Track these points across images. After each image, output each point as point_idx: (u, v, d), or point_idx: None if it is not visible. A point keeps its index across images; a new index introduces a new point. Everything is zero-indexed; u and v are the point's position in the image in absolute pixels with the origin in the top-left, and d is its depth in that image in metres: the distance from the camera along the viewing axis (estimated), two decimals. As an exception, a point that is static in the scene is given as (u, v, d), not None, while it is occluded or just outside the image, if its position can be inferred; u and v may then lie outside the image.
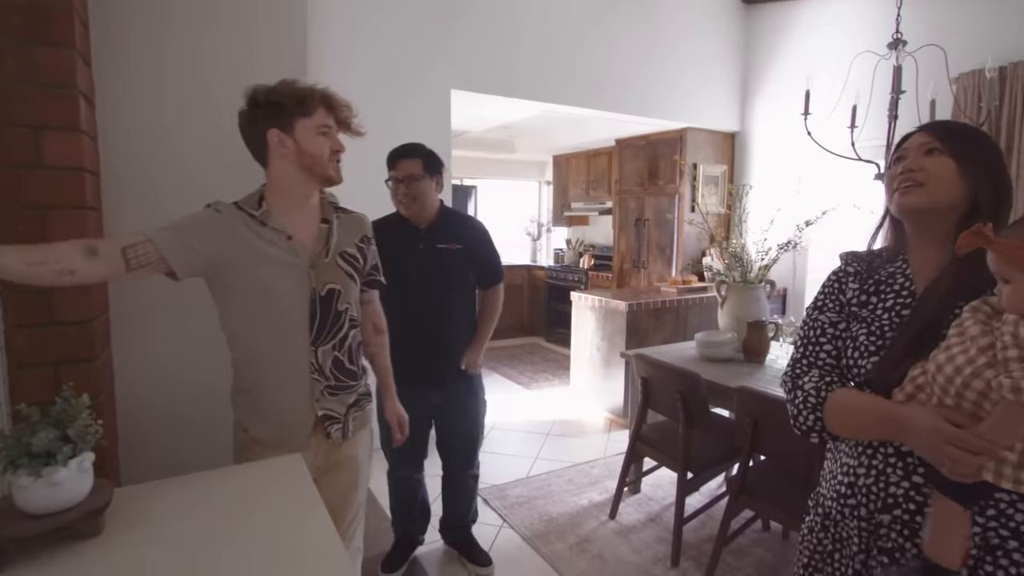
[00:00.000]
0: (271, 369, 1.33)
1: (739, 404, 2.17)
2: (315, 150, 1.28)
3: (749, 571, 2.30)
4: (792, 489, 2.08)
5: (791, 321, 2.79)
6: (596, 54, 4.06)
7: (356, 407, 1.44)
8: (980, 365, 0.80)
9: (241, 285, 1.28)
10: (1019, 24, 3.22)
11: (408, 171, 1.99)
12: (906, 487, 0.95)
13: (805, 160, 4.35)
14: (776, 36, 4.59)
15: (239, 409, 1.40)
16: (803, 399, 1.05)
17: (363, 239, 1.47)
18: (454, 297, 2.11)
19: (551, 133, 5.65)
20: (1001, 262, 0.80)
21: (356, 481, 1.47)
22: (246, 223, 1.28)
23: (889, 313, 1.01)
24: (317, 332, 1.33)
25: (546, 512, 2.73)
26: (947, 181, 0.95)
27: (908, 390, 0.90)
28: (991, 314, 0.83)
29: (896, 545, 0.96)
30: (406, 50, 3.33)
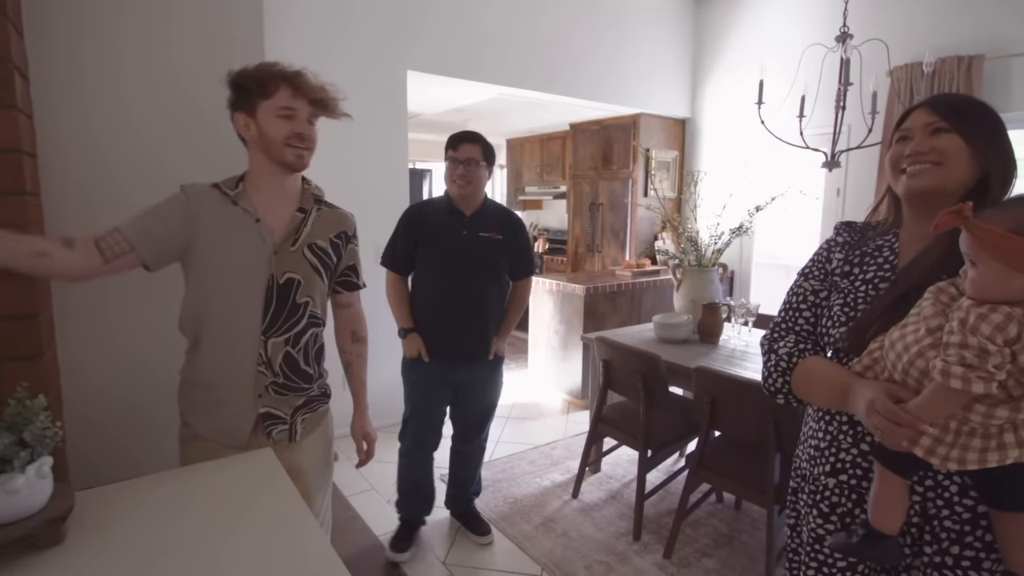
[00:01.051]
0: (215, 356, 1.27)
1: (697, 383, 2.25)
2: (270, 132, 1.24)
3: (706, 541, 2.41)
4: (745, 462, 2.19)
5: (743, 303, 2.91)
6: (552, 38, 4.05)
7: (306, 409, 1.36)
8: (925, 345, 0.83)
9: (199, 266, 1.25)
10: (947, 22, 3.42)
11: (469, 154, 2.10)
12: (854, 454, 1.00)
13: (753, 147, 4.51)
14: (726, 26, 4.70)
15: (181, 399, 1.34)
16: (775, 363, 1.09)
17: (340, 235, 1.40)
18: (490, 284, 2.19)
19: (505, 117, 5.61)
20: (974, 245, 0.80)
21: (308, 494, 1.33)
22: (218, 202, 1.26)
23: (867, 285, 1.02)
24: (270, 322, 1.27)
25: (510, 494, 2.77)
26: (959, 161, 0.92)
27: (865, 362, 0.93)
28: (954, 296, 0.85)
29: (846, 511, 1.02)
30: (362, 30, 3.22)
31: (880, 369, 0.90)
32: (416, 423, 2.28)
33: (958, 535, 0.91)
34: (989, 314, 0.76)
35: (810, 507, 1.08)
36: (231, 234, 1.24)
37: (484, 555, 2.31)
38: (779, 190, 3.23)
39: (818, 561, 1.05)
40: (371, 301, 1.58)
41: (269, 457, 1.24)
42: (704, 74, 4.91)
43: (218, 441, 1.29)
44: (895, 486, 0.90)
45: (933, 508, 0.93)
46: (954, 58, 3.29)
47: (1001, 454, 0.79)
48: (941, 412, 0.81)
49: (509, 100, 4.45)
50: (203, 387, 1.29)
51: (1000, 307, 0.77)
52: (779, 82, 3.40)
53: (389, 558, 2.26)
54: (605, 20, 4.31)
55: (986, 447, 0.80)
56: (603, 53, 4.35)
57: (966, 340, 0.77)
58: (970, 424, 0.80)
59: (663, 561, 2.27)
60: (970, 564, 0.90)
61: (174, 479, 1.16)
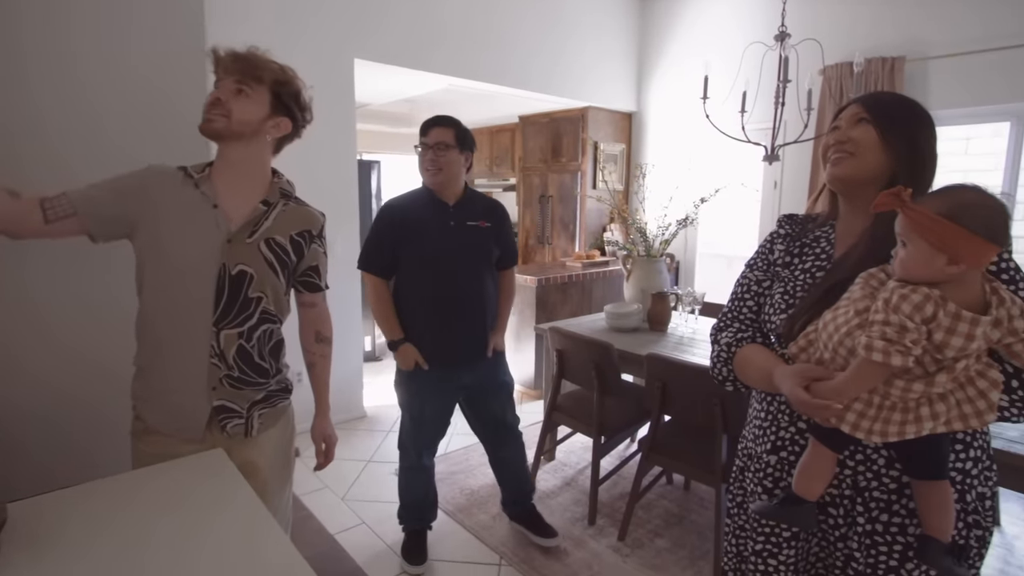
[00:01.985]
0: (168, 344, 1.23)
1: (649, 370, 2.31)
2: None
3: (657, 522, 2.50)
4: (694, 444, 2.27)
5: (689, 291, 3.01)
6: (502, 29, 4.04)
7: (264, 404, 1.32)
8: (853, 326, 0.88)
9: (153, 245, 1.20)
10: (873, 25, 3.63)
11: (439, 138, 1.97)
12: (792, 432, 1.07)
13: (697, 141, 4.65)
14: (671, 21, 4.82)
15: (134, 390, 1.29)
16: (718, 353, 1.17)
17: (303, 234, 1.34)
18: (485, 275, 2.09)
19: (454, 108, 5.53)
20: (907, 226, 0.85)
21: (265, 492, 1.29)
22: (178, 183, 1.23)
23: (805, 275, 1.08)
24: (222, 313, 1.23)
25: (467, 485, 2.78)
26: (871, 150, 0.98)
27: (801, 344, 0.98)
28: (882, 281, 0.90)
29: (788, 484, 1.07)
30: (307, 16, 3.11)
31: (814, 350, 0.96)
32: (419, 436, 2.15)
33: (886, 504, 0.98)
34: (910, 295, 0.82)
35: (755, 484, 1.13)
36: (185, 217, 1.20)
37: (443, 547, 2.31)
38: (722, 182, 3.36)
39: (764, 534, 1.11)
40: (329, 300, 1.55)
41: (221, 457, 1.20)
42: (650, 69, 5.02)
43: (172, 435, 1.24)
44: (824, 459, 0.96)
45: (863, 480, 0.99)
46: (879, 59, 3.50)
47: (918, 426, 0.85)
48: (865, 385, 0.86)
49: (459, 91, 4.41)
50: (151, 375, 1.25)
51: (920, 288, 0.83)
52: (722, 77, 3.52)
53: (405, 569, 2.16)
54: (554, 12, 4.33)
55: (905, 420, 0.86)
56: (552, 45, 4.37)
57: (888, 318, 0.82)
58: (891, 399, 0.86)
59: (617, 543, 2.33)
60: (897, 530, 0.97)
61: (118, 484, 1.10)
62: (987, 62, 3.24)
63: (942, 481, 0.91)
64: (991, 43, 3.21)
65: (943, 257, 0.82)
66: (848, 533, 1.02)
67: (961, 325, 0.80)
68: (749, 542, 1.14)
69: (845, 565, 1.04)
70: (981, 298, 0.84)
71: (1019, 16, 3.12)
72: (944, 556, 0.91)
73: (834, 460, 0.97)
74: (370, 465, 2.99)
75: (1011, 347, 0.84)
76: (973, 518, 0.97)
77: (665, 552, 2.28)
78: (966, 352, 0.82)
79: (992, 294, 0.84)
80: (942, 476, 0.91)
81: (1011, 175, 3.35)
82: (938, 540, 0.91)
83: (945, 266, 0.82)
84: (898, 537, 0.97)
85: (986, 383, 0.84)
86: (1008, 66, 3.17)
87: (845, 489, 1.01)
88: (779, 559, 1.09)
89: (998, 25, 3.19)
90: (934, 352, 0.83)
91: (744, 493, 1.19)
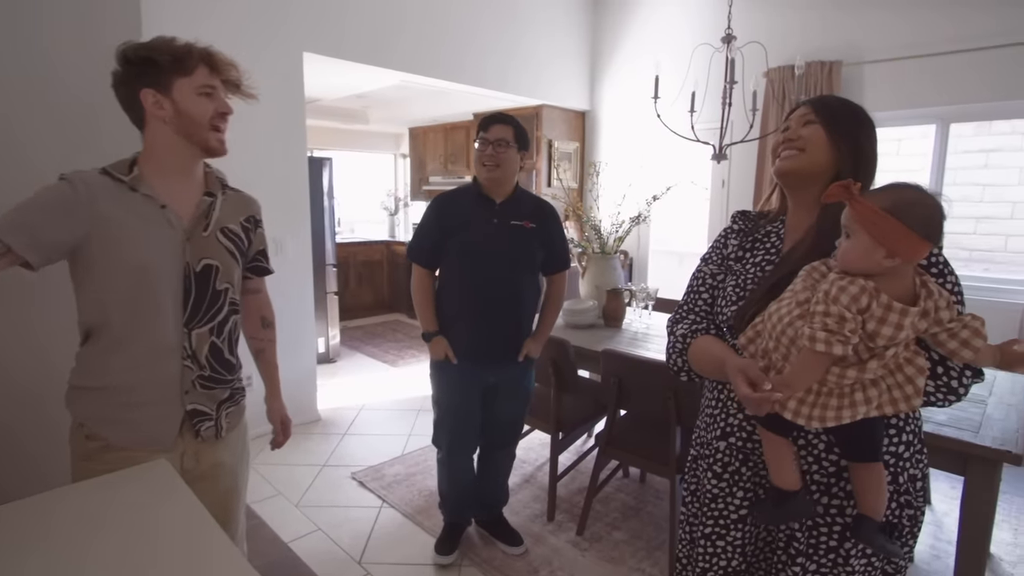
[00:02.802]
0: (131, 356, 1.17)
1: (604, 365, 2.35)
2: (195, 111, 1.16)
3: (615, 515, 2.54)
4: (649, 437, 2.32)
5: (643, 287, 3.07)
6: (457, 26, 4.01)
7: (230, 402, 1.31)
8: (795, 316, 0.92)
9: (102, 261, 1.13)
10: (813, 30, 3.79)
11: (500, 135, 1.96)
12: (740, 418, 1.11)
13: (648, 139, 4.75)
14: (623, 20, 4.89)
15: (82, 410, 1.19)
16: (673, 344, 1.21)
17: (249, 219, 1.35)
18: (523, 276, 2.05)
19: (407, 105, 5.49)
20: (852, 218, 0.89)
21: (236, 488, 1.35)
22: (112, 190, 1.14)
23: (756, 268, 1.13)
24: (192, 312, 1.20)
25: (425, 487, 2.75)
26: (818, 147, 1.04)
27: (749, 334, 1.02)
28: (824, 274, 0.95)
29: (735, 469, 1.12)
30: (254, 6, 3.00)
31: (761, 340, 0.99)
32: (452, 426, 2.15)
33: (826, 487, 1.03)
34: (848, 286, 0.87)
35: (706, 470, 1.18)
36: (134, 223, 1.14)
37: (403, 550, 2.28)
38: (673, 181, 3.44)
39: (713, 518, 1.15)
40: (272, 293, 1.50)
41: (165, 469, 1.14)
42: (602, 67, 5.09)
43: (138, 449, 1.18)
44: (780, 445, 1.01)
45: (805, 464, 1.04)
46: (818, 63, 3.65)
47: (852, 411, 0.90)
48: (811, 376, 0.90)
49: (411, 88, 4.36)
50: (116, 392, 1.18)
51: (857, 280, 0.88)
52: (672, 77, 3.60)
53: (434, 560, 2.18)
54: (508, 9, 4.33)
55: (840, 405, 0.90)
56: (507, 43, 4.37)
57: (828, 309, 0.87)
58: (827, 385, 0.90)
59: (576, 538, 2.36)
60: (836, 512, 1.02)
61: (50, 502, 1.03)
62: (916, 68, 3.43)
63: (876, 463, 0.97)
64: (920, 50, 3.40)
65: (882, 250, 0.87)
66: None
67: (892, 315, 0.86)
68: (699, 526, 1.18)
69: (787, 545, 1.08)
70: (912, 290, 0.89)
71: (945, 25, 3.32)
72: (877, 534, 0.96)
73: (790, 444, 1.01)
74: (325, 470, 2.93)
75: (936, 336, 0.89)
76: (905, 498, 1.03)
77: (623, 544, 2.33)
78: (896, 341, 0.87)
79: (922, 287, 0.90)
80: (876, 459, 0.97)
81: (937, 174, 3.57)
82: (871, 519, 0.97)
83: (883, 259, 0.87)
84: (837, 518, 1.02)
85: (913, 370, 0.90)
86: (934, 72, 3.37)
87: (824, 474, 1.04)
88: (727, 540, 1.13)
89: (926, 33, 3.38)
90: (867, 340, 0.88)
91: (697, 481, 1.23)
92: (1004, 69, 3.16)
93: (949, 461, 1.69)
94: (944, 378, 0.94)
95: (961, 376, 0.94)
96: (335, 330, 4.72)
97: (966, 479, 1.68)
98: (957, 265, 1.00)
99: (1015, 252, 3.46)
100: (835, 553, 1.02)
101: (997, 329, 1.06)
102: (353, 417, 3.62)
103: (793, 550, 1.07)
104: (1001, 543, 2.36)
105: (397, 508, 2.57)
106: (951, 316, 0.89)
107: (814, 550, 1.04)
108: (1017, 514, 2.59)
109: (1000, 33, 3.14)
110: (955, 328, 0.88)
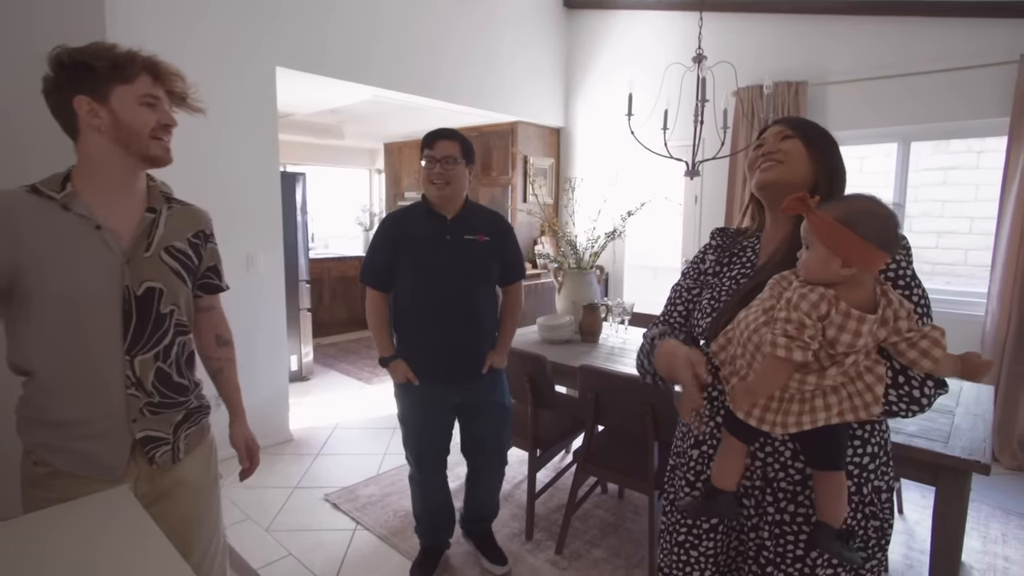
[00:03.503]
0: (72, 390, 1.11)
1: (582, 381, 2.34)
2: (135, 122, 1.09)
3: (594, 532, 2.52)
4: (627, 453, 2.31)
5: (619, 302, 3.08)
6: (432, 42, 4.03)
7: (188, 424, 1.25)
8: (760, 323, 0.94)
9: (33, 290, 1.05)
10: (780, 51, 3.91)
11: (447, 151, 1.93)
12: (711, 427, 1.13)
13: (622, 156, 4.81)
14: (596, 40, 4.98)
15: (31, 439, 1.14)
16: (641, 346, 1.25)
17: (198, 235, 1.28)
18: (480, 291, 2.03)
19: (382, 120, 5.47)
20: (809, 230, 0.92)
21: (196, 509, 1.27)
22: (40, 210, 1.06)
23: (731, 281, 1.15)
24: (133, 339, 1.13)
25: (401, 507, 2.69)
26: (799, 160, 1.07)
27: (720, 342, 1.03)
28: (791, 283, 0.97)
29: (708, 477, 1.13)
30: (225, 19, 2.96)
31: (731, 348, 1.02)
32: (418, 445, 2.11)
33: (792, 495, 1.04)
34: (808, 294, 0.90)
35: (680, 478, 1.19)
36: (66, 246, 1.07)
37: (378, 574, 2.22)
38: (647, 196, 3.48)
39: (686, 527, 1.16)
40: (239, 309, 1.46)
41: (126, 496, 1.09)
42: (576, 85, 5.16)
43: (86, 476, 1.12)
44: (736, 450, 1.03)
45: (772, 472, 1.05)
46: (785, 83, 3.76)
47: (812, 416, 0.92)
48: (773, 383, 0.92)
49: (386, 103, 4.35)
50: (61, 426, 1.12)
51: (817, 288, 0.90)
52: (646, 95, 3.67)
53: None
54: (483, 26, 4.37)
55: (801, 411, 0.92)
56: (482, 60, 4.41)
57: (789, 315, 0.89)
58: (789, 391, 0.93)
59: (555, 556, 2.33)
60: (803, 520, 1.04)
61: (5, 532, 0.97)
62: (879, 89, 3.56)
63: (838, 472, 0.98)
64: (882, 71, 3.53)
65: (837, 260, 0.89)
66: (759, 523, 1.08)
67: (850, 323, 0.88)
68: (674, 534, 1.18)
69: (757, 554, 1.09)
70: (872, 299, 0.91)
71: (907, 48, 3.45)
72: (834, 541, 0.98)
73: (744, 452, 1.03)
74: (297, 492, 2.84)
75: (896, 346, 0.91)
76: (870, 509, 1.04)
77: (602, 562, 2.30)
78: (855, 348, 0.89)
79: (882, 295, 0.92)
80: (838, 467, 0.98)
81: (900, 191, 3.68)
82: (829, 526, 0.99)
83: (839, 268, 0.89)
84: (803, 527, 1.03)
85: (873, 378, 0.92)
86: (896, 93, 3.50)
87: (756, 480, 1.07)
88: (699, 550, 1.14)
89: (888, 55, 3.51)
90: (827, 347, 0.90)
91: (674, 490, 1.23)
92: (961, 90, 3.30)
93: (920, 471, 1.72)
94: (906, 387, 0.95)
95: (923, 386, 0.95)
96: (308, 347, 4.62)
97: (937, 489, 1.70)
98: (921, 279, 1.02)
99: (975, 266, 3.58)
100: (801, 563, 1.03)
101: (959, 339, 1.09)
102: (326, 436, 3.53)
103: (763, 559, 1.07)
104: (971, 551, 2.40)
105: (372, 530, 2.50)
106: (910, 326, 0.90)
107: (781, 559, 1.05)
108: (986, 522, 2.64)
109: (957, 56, 3.28)
110: (914, 338, 0.90)
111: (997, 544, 2.48)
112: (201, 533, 1.28)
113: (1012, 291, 3.15)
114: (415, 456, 2.13)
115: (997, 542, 2.49)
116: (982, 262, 3.47)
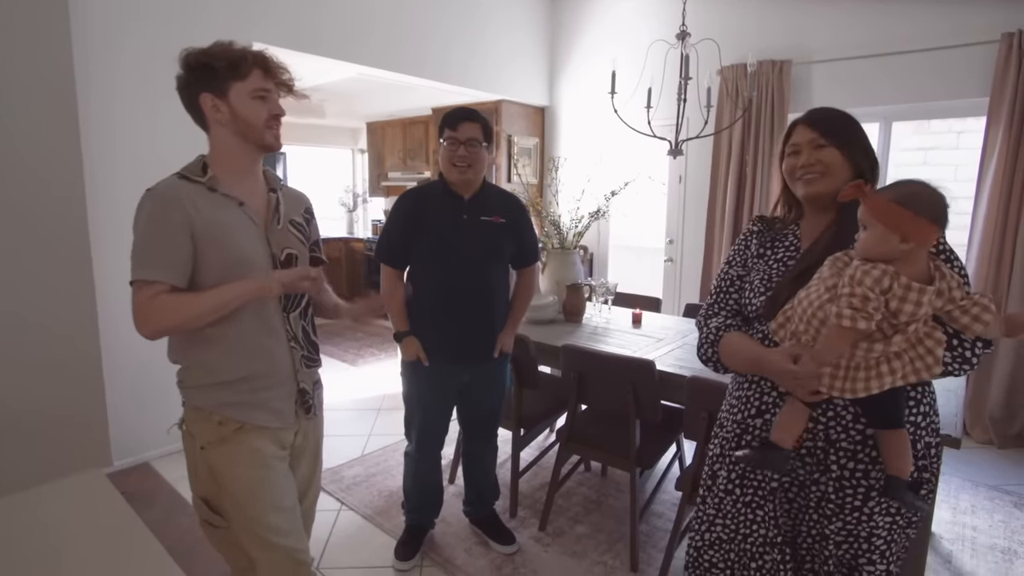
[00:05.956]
0: (257, 344, 1.28)
1: (565, 360, 2.35)
2: (250, 115, 1.24)
3: (577, 509, 2.55)
4: (610, 431, 2.34)
5: (603, 282, 3.09)
6: (415, 20, 3.94)
7: (317, 387, 1.46)
8: (824, 300, 1.04)
9: (213, 260, 1.21)
10: (764, 29, 3.89)
11: (471, 134, 1.90)
12: (775, 396, 1.23)
13: (606, 135, 4.78)
14: (580, 17, 4.91)
15: (213, 401, 1.27)
16: (706, 335, 1.35)
17: (308, 211, 1.47)
18: (494, 272, 2.04)
19: (365, 99, 5.38)
20: (866, 213, 1.02)
21: (315, 464, 1.51)
22: (195, 193, 1.22)
23: (778, 263, 1.28)
24: (286, 298, 1.32)
25: (385, 487, 2.70)
26: (839, 167, 1.18)
27: (780, 320, 1.15)
28: (847, 262, 1.07)
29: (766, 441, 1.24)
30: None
31: (791, 325, 1.12)
32: (420, 426, 2.13)
33: (852, 453, 1.16)
34: (871, 270, 0.99)
35: (735, 448, 1.30)
36: (223, 221, 1.23)
37: (363, 553, 2.23)
38: (631, 176, 3.47)
39: (752, 487, 1.27)
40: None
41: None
42: (561, 63, 5.10)
43: (269, 426, 1.31)
44: (800, 412, 1.14)
45: (834, 434, 1.16)
46: (769, 62, 3.75)
47: (879, 381, 1.02)
48: (838, 349, 1.03)
49: (368, 81, 4.27)
50: (242, 382, 1.27)
51: (879, 265, 1.00)
52: (629, 73, 3.63)
53: (393, 566, 2.14)
54: (468, 4, 4.28)
55: (868, 377, 1.03)
56: (467, 37, 4.32)
57: (853, 290, 0.99)
58: (856, 360, 1.03)
59: (539, 533, 2.36)
60: (862, 475, 1.16)
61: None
62: (861, 68, 3.56)
63: (901, 429, 1.10)
64: (865, 50, 3.53)
65: (896, 237, 0.99)
66: (820, 478, 1.20)
67: (912, 294, 0.98)
68: (730, 498, 1.29)
69: (819, 504, 1.21)
70: (927, 273, 1.02)
71: (889, 27, 3.45)
72: (906, 491, 1.10)
73: (807, 415, 1.15)
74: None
75: (950, 313, 1.02)
76: (922, 463, 1.16)
77: (585, 538, 2.34)
78: (916, 317, 0.99)
79: (935, 270, 1.03)
80: (900, 425, 1.10)
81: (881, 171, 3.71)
82: (900, 478, 1.10)
83: (898, 244, 0.99)
84: (862, 481, 1.16)
85: (932, 342, 1.03)
86: (878, 72, 3.51)
87: (819, 441, 1.18)
88: (765, 510, 1.25)
89: (871, 34, 3.51)
90: (890, 318, 1.00)
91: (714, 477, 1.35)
92: (940, 71, 3.31)
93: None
94: (959, 349, 1.07)
95: (974, 347, 1.07)
96: (291, 329, 4.58)
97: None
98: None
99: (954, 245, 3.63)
100: (859, 512, 1.16)
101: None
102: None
103: (827, 510, 1.19)
104: (941, 521, 2.48)
105: (356, 510, 2.52)
106: (962, 295, 1.02)
107: (841, 508, 1.17)
108: (956, 494, 2.72)
109: (936, 36, 3.29)
110: (967, 305, 1.01)
111: (966, 515, 2.56)
112: (315, 484, 1.52)
113: (987, 270, 3.21)
114: (417, 434, 2.15)
115: (966, 513, 2.58)
116: (959, 242, 3.52)
